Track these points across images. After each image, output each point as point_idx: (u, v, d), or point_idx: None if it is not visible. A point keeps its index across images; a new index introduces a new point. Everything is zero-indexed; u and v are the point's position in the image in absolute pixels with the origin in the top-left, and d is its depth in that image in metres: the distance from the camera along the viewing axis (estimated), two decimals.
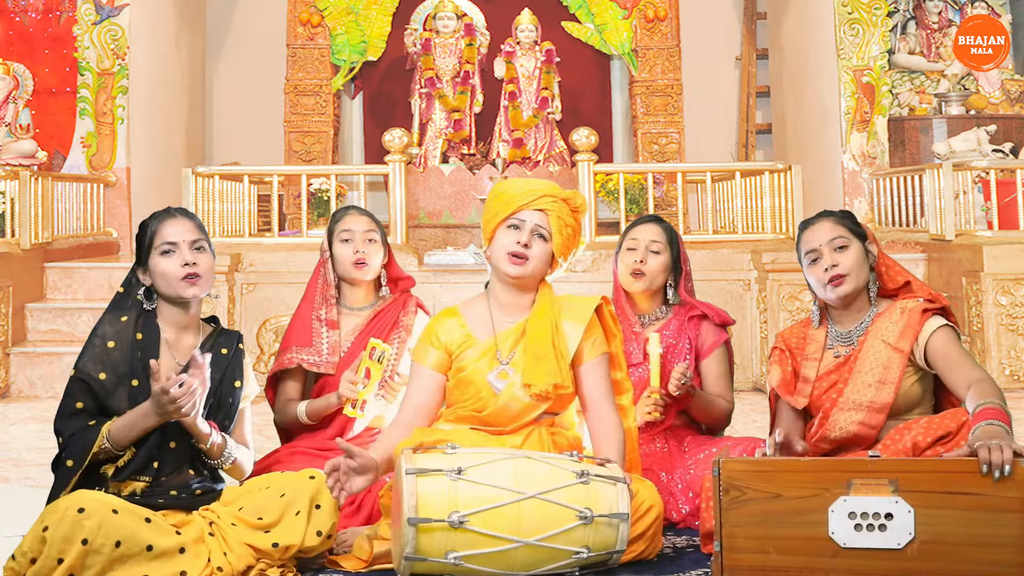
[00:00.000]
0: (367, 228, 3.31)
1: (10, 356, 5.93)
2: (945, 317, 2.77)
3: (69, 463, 2.51)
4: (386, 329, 3.29)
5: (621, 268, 3.34)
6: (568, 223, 2.77)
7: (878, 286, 2.86)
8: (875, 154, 7.50)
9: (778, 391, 2.91)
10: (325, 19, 8.79)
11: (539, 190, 2.75)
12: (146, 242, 2.67)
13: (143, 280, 2.68)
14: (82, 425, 2.54)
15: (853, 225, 2.87)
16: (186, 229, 2.67)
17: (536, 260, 2.73)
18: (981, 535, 2.23)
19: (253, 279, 6.03)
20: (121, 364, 2.59)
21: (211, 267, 2.69)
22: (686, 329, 3.31)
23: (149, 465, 2.57)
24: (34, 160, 7.51)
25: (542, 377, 2.67)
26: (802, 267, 2.90)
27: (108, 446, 2.51)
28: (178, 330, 2.69)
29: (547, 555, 2.41)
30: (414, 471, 2.40)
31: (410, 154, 7.80)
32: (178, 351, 2.68)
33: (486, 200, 2.84)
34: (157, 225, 2.68)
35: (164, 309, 2.69)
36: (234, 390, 2.72)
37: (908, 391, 2.75)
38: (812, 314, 2.94)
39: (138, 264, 2.69)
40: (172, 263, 2.62)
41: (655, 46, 8.80)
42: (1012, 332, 5.61)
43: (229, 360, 2.72)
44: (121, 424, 2.52)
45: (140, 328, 2.64)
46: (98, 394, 2.57)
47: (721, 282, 5.99)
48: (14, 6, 7.85)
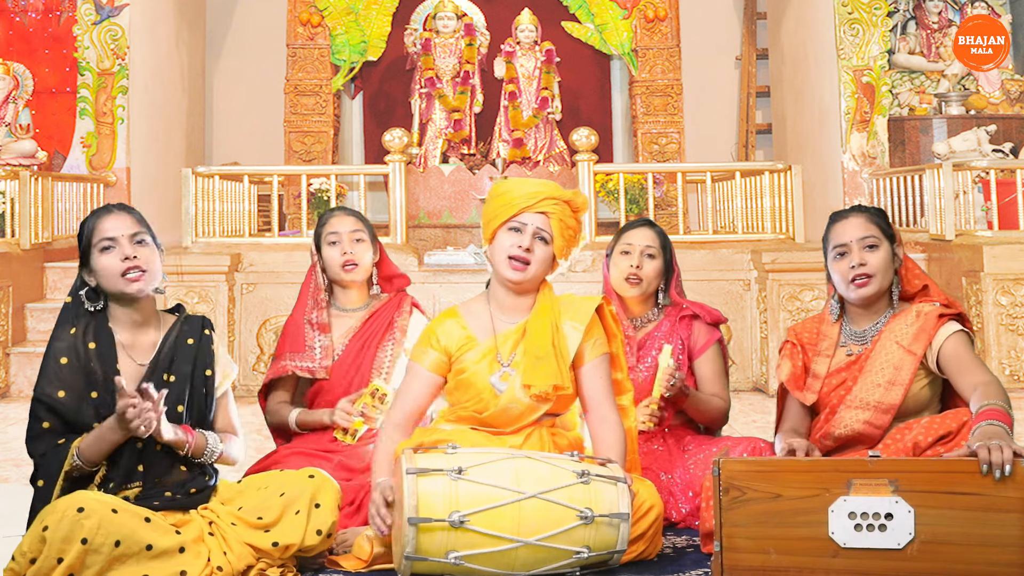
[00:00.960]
0: (353, 228, 3.29)
1: (10, 356, 5.93)
2: (961, 323, 2.76)
3: (40, 483, 2.48)
4: (380, 330, 3.27)
5: (615, 273, 3.33)
6: (569, 224, 2.75)
7: (900, 290, 2.83)
8: (875, 154, 7.50)
9: (787, 386, 2.89)
10: (325, 19, 8.79)
11: (541, 192, 2.73)
12: (85, 240, 2.59)
13: (88, 281, 2.59)
14: (52, 445, 2.49)
15: (885, 225, 2.83)
16: (124, 223, 2.57)
17: (537, 264, 2.72)
18: (981, 535, 2.23)
19: (253, 279, 6.03)
20: (77, 379, 2.51)
21: (154, 260, 2.58)
22: (678, 329, 3.32)
23: (134, 472, 2.52)
24: (34, 160, 7.51)
25: (542, 378, 2.66)
26: (826, 259, 2.86)
27: (79, 463, 2.46)
28: (133, 329, 2.61)
29: (548, 555, 2.41)
30: (415, 471, 2.40)
31: (410, 154, 7.80)
32: (137, 352, 2.60)
33: (487, 199, 2.81)
34: (95, 222, 2.58)
35: (115, 311, 2.60)
36: (206, 379, 2.64)
37: (917, 394, 2.75)
38: (831, 308, 2.90)
39: (82, 266, 2.61)
40: (112, 259, 2.53)
41: (655, 46, 8.80)
42: (1012, 332, 5.61)
43: (196, 349, 2.64)
44: (90, 440, 2.46)
45: (92, 336, 2.55)
46: (61, 413, 2.50)
47: (721, 282, 5.99)
48: (14, 6, 7.85)
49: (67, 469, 2.46)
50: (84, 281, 2.60)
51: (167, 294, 2.73)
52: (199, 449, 2.60)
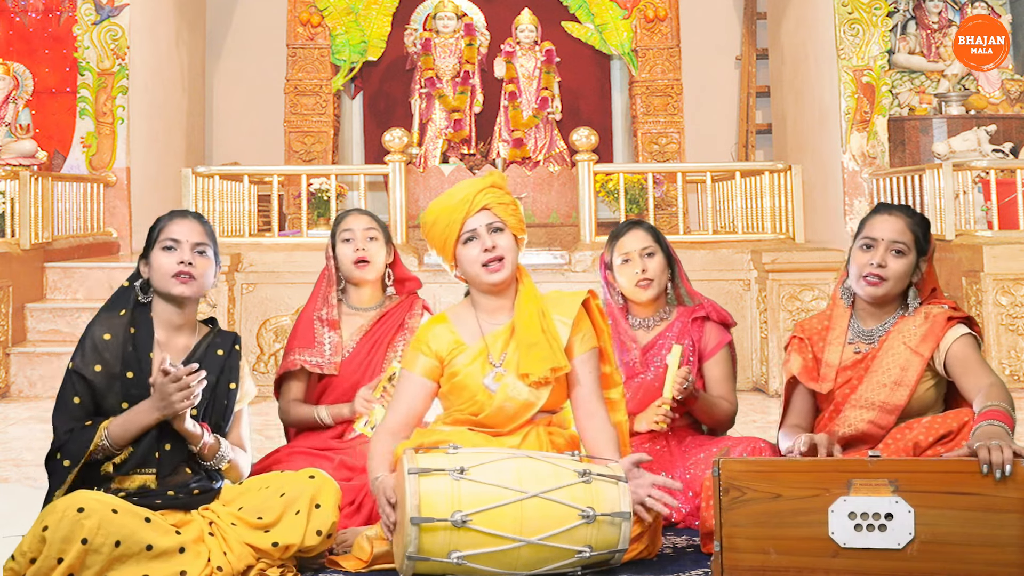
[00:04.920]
0: (367, 226, 3.33)
1: (10, 356, 5.93)
2: (969, 327, 2.76)
3: (66, 463, 2.50)
4: (392, 331, 3.30)
5: (624, 283, 3.32)
6: (507, 201, 2.77)
7: (918, 303, 2.81)
8: (875, 154, 7.49)
9: (800, 379, 2.87)
10: (325, 19, 8.79)
11: (469, 194, 2.74)
12: (152, 236, 2.70)
13: (143, 272, 2.69)
14: (79, 424, 2.54)
15: (923, 238, 2.79)
16: (192, 230, 2.68)
17: (509, 254, 2.73)
18: (981, 535, 2.23)
19: (253, 279, 6.03)
20: (115, 357, 2.59)
21: (208, 272, 2.69)
22: (689, 331, 3.32)
23: (151, 457, 2.56)
24: (34, 160, 7.50)
25: (537, 364, 2.67)
26: (852, 243, 2.84)
27: (107, 444, 2.51)
28: (170, 330, 2.69)
29: (550, 554, 2.41)
30: (417, 471, 2.40)
31: (410, 154, 7.80)
32: (170, 352, 2.66)
33: (425, 231, 2.80)
34: (166, 221, 2.71)
35: (159, 307, 2.69)
36: (229, 392, 2.71)
37: (922, 396, 2.75)
38: (841, 292, 2.88)
39: (143, 257, 2.72)
40: (169, 259, 2.64)
41: (655, 46, 8.80)
42: (1012, 332, 5.61)
43: (225, 361, 2.71)
44: (120, 421, 2.52)
45: (134, 323, 2.64)
46: (94, 388, 2.57)
47: (721, 282, 5.99)
48: (14, 6, 7.85)
49: (92, 449, 2.50)
50: (139, 273, 2.70)
51: None
52: (212, 450, 2.63)
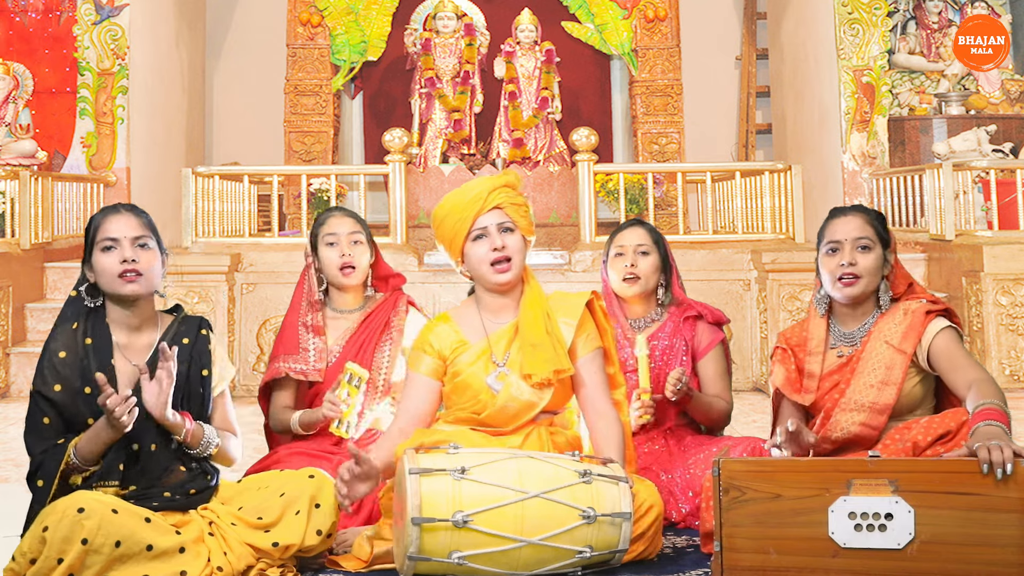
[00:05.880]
0: (352, 230, 3.26)
1: (10, 356, 5.93)
2: (948, 319, 2.76)
3: (40, 483, 2.49)
4: (377, 331, 3.24)
5: (613, 276, 3.34)
6: (520, 202, 2.78)
7: (890, 295, 2.83)
8: (875, 154, 7.50)
9: (783, 390, 2.89)
10: (325, 19, 8.79)
11: (483, 192, 2.74)
12: (89, 237, 2.60)
13: (88, 277, 2.60)
14: (51, 443, 2.50)
15: (882, 229, 2.83)
16: (129, 225, 2.57)
17: (517, 255, 2.73)
18: (981, 535, 2.23)
19: (253, 279, 6.03)
20: (74, 374, 2.52)
21: (154, 265, 2.59)
22: (681, 330, 3.32)
23: (114, 469, 2.51)
24: (34, 160, 7.50)
25: (541, 365, 2.67)
26: (817, 253, 2.86)
27: (76, 462, 2.47)
28: (129, 331, 2.61)
29: (550, 554, 2.41)
30: (418, 471, 2.40)
31: (410, 154, 7.80)
32: (133, 352, 2.60)
33: (435, 226, 2.80)
34: (101, 220, 2.59)
35: (112, 310, 2.61)
36: (203, 379, 2.65)
37: (910, 392, 2.75)
38: (815, 302, 2.89)
39: (84, 261, 2.62)
40: (111, 259, 2.54)
41: (655, 46, 8.80)
42: (1012, 332, 5.61)
43: (191, 350, 2.64)
44: (86, 438, 2.47)
45: (89, 332, 2.57)
46: (58, 406, 2.51)
47: (721, 282, 5.99)
48: (14, 6, 7.85)
49: (63, 469, 2.46)
50: (86, 276, 2.61)
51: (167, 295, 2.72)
52: (196, 438, 2.58)
